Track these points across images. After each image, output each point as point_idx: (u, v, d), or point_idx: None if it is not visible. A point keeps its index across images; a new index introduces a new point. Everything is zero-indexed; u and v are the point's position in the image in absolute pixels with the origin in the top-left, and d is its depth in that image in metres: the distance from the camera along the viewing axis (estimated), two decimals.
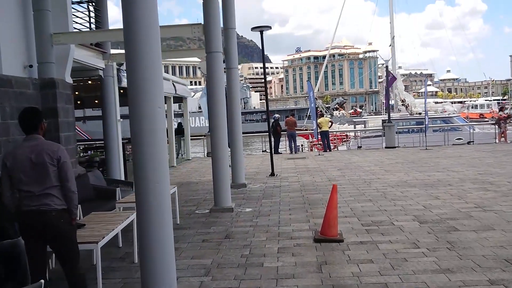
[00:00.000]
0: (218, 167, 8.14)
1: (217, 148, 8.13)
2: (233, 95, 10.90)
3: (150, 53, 3.87)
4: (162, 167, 3.98)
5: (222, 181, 8.15)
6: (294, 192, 9.82)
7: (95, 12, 10.74)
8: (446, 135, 20.54)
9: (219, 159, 8.12)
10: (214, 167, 8.20)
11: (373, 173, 12.13)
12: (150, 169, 3.90)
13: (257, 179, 12.17)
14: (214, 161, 8.19)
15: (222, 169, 8.13)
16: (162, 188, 3.96)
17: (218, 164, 8.14)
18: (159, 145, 3.93)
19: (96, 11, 10.77)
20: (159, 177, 3.94)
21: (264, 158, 18.02)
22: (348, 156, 17.39)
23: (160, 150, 3.93)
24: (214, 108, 8.11)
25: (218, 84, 8.11)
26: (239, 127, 10.93)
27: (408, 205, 7.90)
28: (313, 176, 12.17)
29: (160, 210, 3.95)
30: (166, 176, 4.06)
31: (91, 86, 13.01)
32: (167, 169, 4.16)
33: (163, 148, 3.98)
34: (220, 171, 8.14)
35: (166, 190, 4.02)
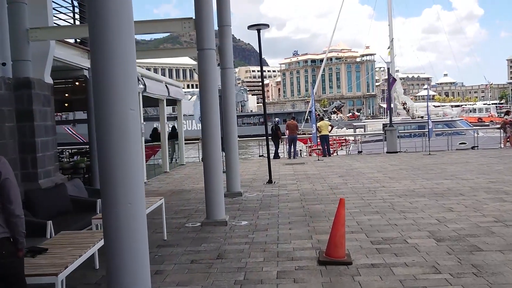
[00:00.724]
0: (211, 176, 7.39)
1: (209, 154, 7.37)
2: (228, 96, 10.16)
3: (120, 41, 3.12)
4: (135, 183, 3.22)
5: (215, 192, 7.40)
6: (294, 202, 9.07)
7: (79, 7, 9.99)
8: (449, 140, 19.84)
9: (212, 166, 7.37)
10: (206, 176, 7.45)
11: (377, 181, 11.40)
12: (120, 186, 3.15)
13: (253, 187, 11.41)
14: (206, 169, 7.44)
15: (215, 178, 7.38)
16: (136, 209, 3.20)
17: (210, 172, 7.39)
18: (132, 155, 3.18)
19: (81, 5, 10.01)
20: (131, 195, 3.18)
21: (261, 164, 17.26)
22: (349, 161, 16.67)
23: (132, 161, 3.17)
24: (206, 111, 7.37)
25: (210, 84, 7.36)
26: (234, 131, 10.19)
27: (420, 218, 7.16)
28: (313, 184, 11.42)
29: (132, 237, 3.18)
30: (141, 194, 3.30)
31: (80, 88, 12.27)
32: (142, 185, 3.39)
33: (136, 159, 3.23)
34: (213, 180, 7.38)
35: (140, 212, 3.26)
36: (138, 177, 3.28)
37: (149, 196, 11.10)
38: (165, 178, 14.40)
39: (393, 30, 35.45)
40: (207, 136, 7.38)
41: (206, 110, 7.35)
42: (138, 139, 3.27)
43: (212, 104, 7.33)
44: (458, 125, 22.20)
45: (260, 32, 11.78)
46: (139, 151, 3.30)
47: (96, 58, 3.14)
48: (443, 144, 20.00)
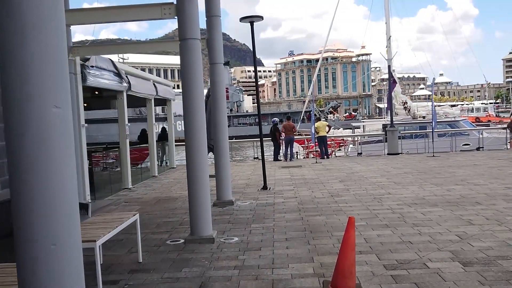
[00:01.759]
0: (195, 186, 6.39)
1: (193, 159, 6.37)
2: (218, 94, 9.17)
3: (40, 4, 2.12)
4: (63, 212, 2.21)
5: (200, 204, 6.40)
6: (291, 212, 8.08)
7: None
8: (453, 141, 18.94)
9: (196, 174, 6.37)
10: (190, 186, 6.45)
11: (381, 186, 10.44)
12: (37, 217, 2.13)
13: (246, 194, 10.42)
14: (190, 177, 6.44)
15: (200, 188, 6.38)
16: (64, 253, 2.18)
17: (194, 181, 6.39)
18: (57, 171, 2.17)
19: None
20: (57, 232, 2.17)
21: (256, 167, 16.28)
22: (349, 164, 15.71)
23: (57, 180, 2.17)
24: (190, 109, 6.37)
25: (194, 79, 6.36)
26: (224, 132, 9.20)
27: (437, 233, 6.19)
28: (312, 190, 10.45)
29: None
30: (74, 227, 2.28)
31: None
32: (76, 215, 2.37)
33: (65, 176, 2.22)
34: (198, 191, 6.38)
35: (73, 256, 2.24)
36: (69, 203, 2.26)
37: (132, 204, 10.16)
38: (152, 184, 13.38)
39: (390, 27, 34.55)
40: (190, 138, 6.38)
41: (190, 108, 6.36)
42: (68, 148, 2.27)
43: (196, 101, 6.33)
44: (462, 125, 21.29)
45: (253, 25, 10.82)
46: (71, 165, 2.30)
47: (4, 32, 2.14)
48: (446, 145, 19.11)
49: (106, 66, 10.97)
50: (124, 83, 12.06)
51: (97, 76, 10.34)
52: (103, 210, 9.12)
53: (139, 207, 9.44)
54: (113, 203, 9.90)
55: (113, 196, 11.21)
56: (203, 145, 6.43)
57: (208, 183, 6.54)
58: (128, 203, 10.13)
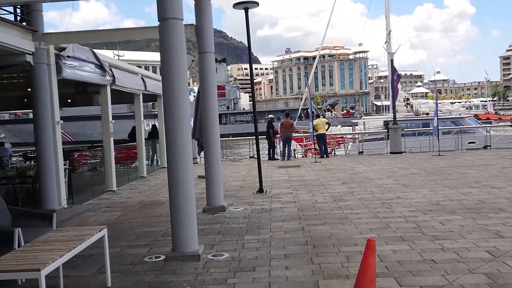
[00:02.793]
0: (177, 193, 5.41)
1: (175, 162, 5.40)
2: (208, 87, 8.19)
3: None
4: None
5: (184, 214, 5.42)
6: (290, 221, 7.12)
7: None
8: (459, 138, 18.01)
9: (178, 180, 5.39)
10: (171, 193, 5.47)
11: (389, 189, 9.49)
12: None
13: (240, 198, 9.45)
14: (171, 184, 5.46)
15: (184, 195, 5.40)
16: None
17: (176, 188, 5.41)
18: None
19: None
20: None
21: (251, 166, 15.33)
22: (350, 163, 14.76)
23: None
24: (170, 103, 5.40)
25: (175, 66, 5.38)
26: (215, 129, 8.22)
27: (464, 249, 5.24)
28: (313, 193, 9.49)
29: None
30: None
31: None
32: None
33: None
34: (180, 198, 5.40)
35: None
36: None
37: (113, 209, 9.12)
38: (139, 185, 12.40)
39: (390, 22, 33.74)
40: (171, 138, 5.41)
41: (170, 101, 5.38)
42: None
43: (178, 93, 5.35)
44: (467, 122, 20.35)
45: (247, 12, 9.84)
46: None
47: None
48: (451, 144, 18.16)
49: (86, 57, 9.95)
50: (108, 76, 11.05)
51: (75, 68, 9.33)
52: (79, 217, 8.15)
53: (119, 214, 8.46)
54: (92, 209, 8.91)
55: (94, 200, 10.22)
56: (187, 144, 5.45)
57: (193, 190, 5.56)
58: (109, 208, 9.15)
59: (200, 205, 8.65)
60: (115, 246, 6.16)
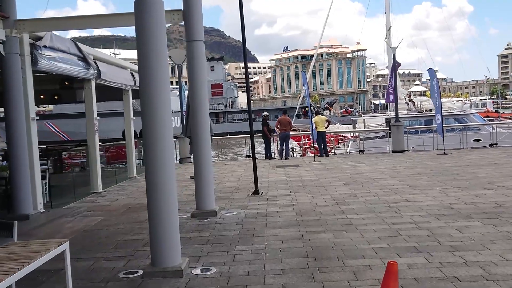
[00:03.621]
0: (157, 201, 4.65)
1: (154, 165, 4.63)
2: (196, 80, 7.43)
3: None
4: None
5: (164, 222, 4.66)
6: (288, 227, 6.37)
7: None
8: (463, 136, 17.28)
9: (158, 186, 4.63)
10: (150, 201, 4.71)
11: (395, 191, 8.76)
12: None
13: (234, 201, 8.70)
14: (150, 190, 4.69)
15: (163, 199, 4.64)
16: None
17: (155, 194, 4.65)
18: None
19: None
20: None
21: (247, 166, 14.56)
22: (351, 163, 14.02)
23: None
24: (148, 94, 4.64)
25: (153, 52, 4.63)
26: (205, 126, 7.46)
27: (490, 263, 4.51)
28: (313, 196, 8.75)
29: None
30: None
31: None
32: None
33: None
34: (160, 204, 4.64)
35: None
36: None
37: (95, 213, 8.30)
38: (127, 186, 11.64)
39: (390, 18, 33.02)
40: (149, 136, 4.64)
41: (148, 93, 4.62)
42: None
43: (156, 86, 4.60)
44: (472, 119, 19.62)
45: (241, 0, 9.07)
46: None
47: None
48: (455, 141, 17.42)
49: (66, 48, 9.18)
50: (92, 69, 10.28)
51: (53, 59, 8.55)
52: (54, 223, 7.39)
53: (101, 219, 7.70)
54: (71, 213, 8.14)
55: (76, 203, 9.45)
56: (167, 146, 4.69)
57: (175, 194, 4.80)
58: (90, 212, 8.38)
59: (190, 208, 7.93)
60: (89, 258, 5.42)
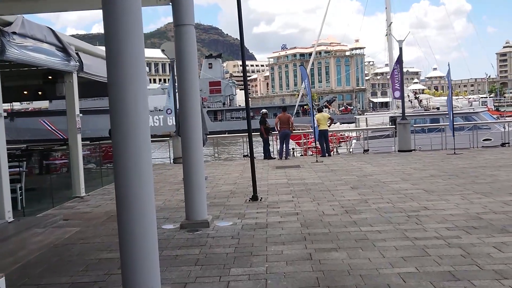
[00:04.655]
0: (129, 216, 3.68)
1: (125, 172, 3.67)
2: (186, 72, 6.45)
3: None
4: None
5: (138, 241, 3.69)
6: (292, 243, 5.40)
7: None
8: (474, 135, 16.36)
9: (131, 199, 3.67)
10: (120, 216, 3.74)
11: (410, 197, 7.80)
12: None
13: (230, 208, 7.73)
14: (120, 204, 3.73)
15: (137, 221, 3.67)
16: None
17: (128, 209, 3.69)
18: None
19: None
20: None
21: (245, 166, 13.62)
22: (356, 163, 13.07)
23: None
24: (117, 87, 3.69)
25: (126, 34, 3.67)
26: (196, 124, 6.48)
27: None
28: (318, 202, 7.79)
29: None
30: None
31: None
32: None
33: None
34: (131, 219, 3.68)
35: None
36: None
37: (72, 222, 7.25)
38: (113, 190, 10.61)
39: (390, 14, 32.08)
40: (119, 137, 3.68)
41: (117, 85, 3.66)
42: None
43: (127, 75, 3.63)
44: (482, 117, 18.68)
45: None
46: None
47: None
48: (464, 141, 16.49)
49: (42, 37, 8.17)
50: (73, 61, 9.29)
51: (25, 48, 7.54)
52: (21, 236, 6.39)
53: (77, 229, 6.72)
54: (43, 223, 7.13)
55: (54, 210, 8.47)
56: (143, 149, 3.73)
57: (152, 209, 3.84)
58: (66, 221, 7.39)
59: (180, 217, 6.98)
60: (51, 284, 4.44)
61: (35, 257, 5.31)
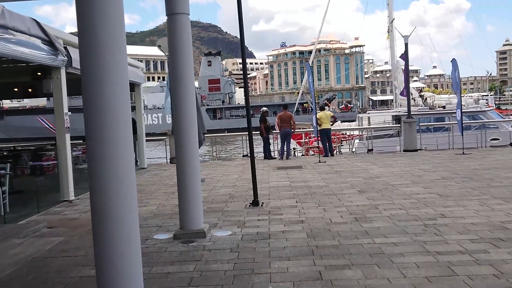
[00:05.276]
0: (105, 226, 3.08)
1: (101, 179, 3.05)
2: (180, 66, 5.83)
3: None
4: None
5: (116, 262, 3.09)
6: (299, 258, 4.80)
7: None
8: (482, 134, 15.77)
9: (107, 210, 3.06)
10: (96, 232, 3.14)
11: (424, 202, 7.20)
12: None
13: (228, 214, 7.12)
14: (96, 217, 3.12)
15: (116, 238, 3.06)
16: None
17: (104, 223, 3.08)
18: None
19: None
20: None
21: (245, 167, 13.03)
22: (361, 164, 12.46)
23: None
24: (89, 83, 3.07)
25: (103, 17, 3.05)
26: (191, 124, 5.87)
27: None
28: (324, 208, 7.18)
29: None
30: None
31: None
32: None
33: None
34: (112, 238, 3.07)
35: None
36: None
37: (57, 230, 6.63)
38: None
39: (392, 10, 31.48)
40: (93, 137, 3.06)
41: (90, 81, 3.05)
42: None
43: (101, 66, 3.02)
44: (490, 116, 18.09)
45: None
46: None
47: None
48: (472, 140, 15.93)
49: (25, 29, 7.57)
50: (61, 56, 8.69)
51: (5, 40, 6.92)
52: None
53: (60, 239, 6.11)
54: (24, 232, 6.51)
55: (39, 215, 7.85)
56: (125, 151, 3.12)
57: (136, 221, 3.23)
58: (50, 229, 6.77)
59: (174, 225, 6.39)
60: None
61: (7, 275, 4.70)
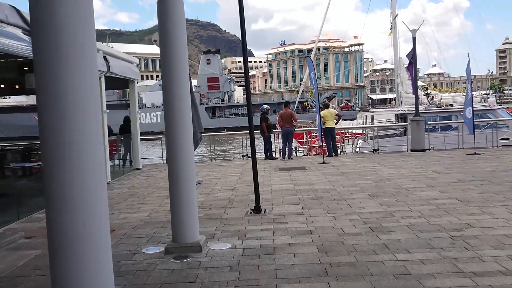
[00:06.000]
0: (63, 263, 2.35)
1: (62, 201, 2.33)
2: (172, 58, 5.10)
3: None
4: None
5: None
6: (311, 280, 4.08)
7: None
8: (492, 134, 15.07)
9: (69, 220, 2.33)
10: (50, 248, 2.40)
11: (444, 209, 6.49)
12: None
13: (227, 223, 6.40)
14: (52, 238, 2.39)
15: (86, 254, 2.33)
16: None
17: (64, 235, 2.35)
18: None
19: None
20: None
21: (245, 168, 12.32)
22: (368, 165, 11.75)
23: None
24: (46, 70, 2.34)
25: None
26: (185, 124, 5.14)
27: None
28: (334, 215, 6.47)
29: None
30: None
31: None
32: None
33: None
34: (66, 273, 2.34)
35: None
36: None
37: (34, 241, 5.83)
38: None
39: (395, 6, 30.77)
40: (48, 138, 2.34)
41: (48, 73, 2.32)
42: None
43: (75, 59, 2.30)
44: (499, 115, 17.39)
45: None
46: None
47: None
48: (481, 140, 15.22)
49: (3, 17, 6.82)
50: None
51: None
52: None
53: (37, 253, 5.39)
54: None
55: (18, 223, 7.13)
56: (99, 153, 2.39)
57: (108, 240, 2.51)
58: (28, 240, 6.05)
59: (166, 235, 5.69)
60: None
61: None
